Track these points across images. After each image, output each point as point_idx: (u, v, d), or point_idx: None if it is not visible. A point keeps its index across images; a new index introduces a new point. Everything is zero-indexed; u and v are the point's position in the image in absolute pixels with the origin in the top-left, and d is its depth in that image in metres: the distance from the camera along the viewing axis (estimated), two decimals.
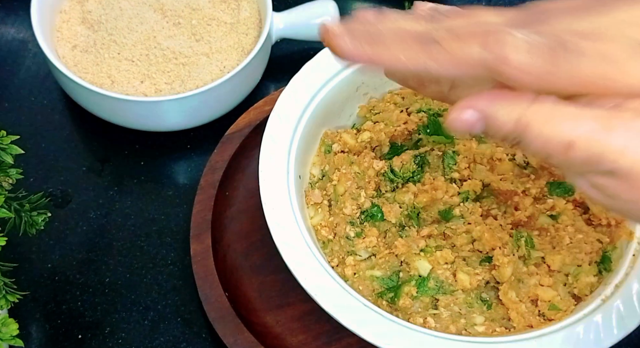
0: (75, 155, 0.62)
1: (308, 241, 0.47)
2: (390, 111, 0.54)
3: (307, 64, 0.53)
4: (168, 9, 0.61)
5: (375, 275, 0.49)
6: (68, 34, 0.61)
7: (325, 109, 0.53)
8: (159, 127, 0.61)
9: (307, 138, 0.52)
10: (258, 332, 0.53)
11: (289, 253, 0.46)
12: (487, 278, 0.49)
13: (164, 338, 0.55)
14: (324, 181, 0.53)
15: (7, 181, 0.45)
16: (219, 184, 0.57)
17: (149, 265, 0.58)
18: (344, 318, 0.44)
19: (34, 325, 0.55)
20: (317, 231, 0.51)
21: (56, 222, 0.58)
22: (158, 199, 0.61)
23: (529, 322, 0.47)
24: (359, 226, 0.51)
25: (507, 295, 0.48)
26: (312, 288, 0.45)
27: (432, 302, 0.48)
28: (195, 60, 0.60)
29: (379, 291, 0.49)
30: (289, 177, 0.49)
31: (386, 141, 0.53)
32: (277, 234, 0.47)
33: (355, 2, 0.72)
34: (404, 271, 0.49)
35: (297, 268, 0.46)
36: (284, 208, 0.48)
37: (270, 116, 0.51)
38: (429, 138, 0.52)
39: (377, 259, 0.50)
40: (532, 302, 0.48)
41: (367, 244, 0.50)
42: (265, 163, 0.49)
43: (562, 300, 0.48)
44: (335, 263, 0.50)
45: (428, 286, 0.48)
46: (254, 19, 0.63)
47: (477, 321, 0.48)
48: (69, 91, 0.61)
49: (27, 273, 0.57)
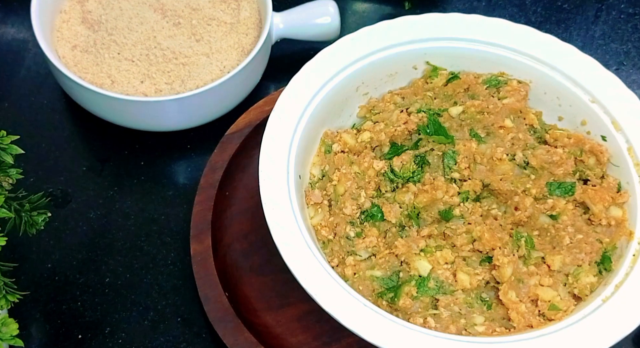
0: (75, 155, 0.62)
1: (308, 241, 0.47)
2: (390, 111, 0.54)
3: (307, 64, 0.53)
4: (168, 9, 0.61)
5: (375, 275, 0.49)
6: (68, 34, 0.61)
7: (325, 109, 0.53)
8: (159, 127, 0.61)
9: (307, 138, 0.52)
10: (258, 332, 0.53)
11: (289, 253, 0.46)
12: (487, 278, 0.49)
13: (164, 338, 0.55)
14: (324, 181, 0.53)
15: (7, 181, 0.45)
16: (219, 184, 0.57)
17: (149, 265, 0.58)
18: (343, 318, 0.44)
19: (34, 325, 0.55)
20: (317, 231, 0.51)
21: (56, 222, 0.59)
22: (158, 199, 0.61)
23: (529, 322, 0.47)
24: (359, 226, 0.51)
25: (507, 295, 0.48)
26: (312, 288, 0.45)
27: (432, 302, 0.48)
28: (195, 60, 0.60)
29: (379, 292, 0.49)
30: (289, 177, 0.49)
31: (386, 141, 0.53)
32: (277, 234, 0.47)
33: (355, 2, 0.72)
34: (404, 271, 0.49)
35: (297, 268, 0.46)
36: (284, 208, 0.48)
37: (270, 116, 0.51)
38: (429, 138, 0.52)
39: (377, 259, 0.50)
40: (532, 302, 0.48)
41: (367, 244, 0.50)
42: (265, 163, 0.49)
43: (562, 300, 0.48)
44: (335, 263, 0.50)
45: (428, 287, 0.48)
46: (254, 19, 0.63)
47: (477, 321, 0.48)
48: (69, 91, 0.61)
49: (27, 273, 0.57)
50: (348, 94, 0.55)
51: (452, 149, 0.52)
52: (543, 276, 0.48)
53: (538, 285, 0.48)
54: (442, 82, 0.55)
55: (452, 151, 0.52)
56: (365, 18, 0.71)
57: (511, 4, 0.71)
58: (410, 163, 0.51)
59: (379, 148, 0.54)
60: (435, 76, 0.56)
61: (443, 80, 0.56)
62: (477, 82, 0.55)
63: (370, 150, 0.53)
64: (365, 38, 0.54)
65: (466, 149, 0.52)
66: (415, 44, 0.55)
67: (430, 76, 0.56)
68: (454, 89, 0.55)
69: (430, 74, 0.56)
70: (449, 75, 0.56)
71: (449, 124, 0.53)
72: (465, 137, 0.53)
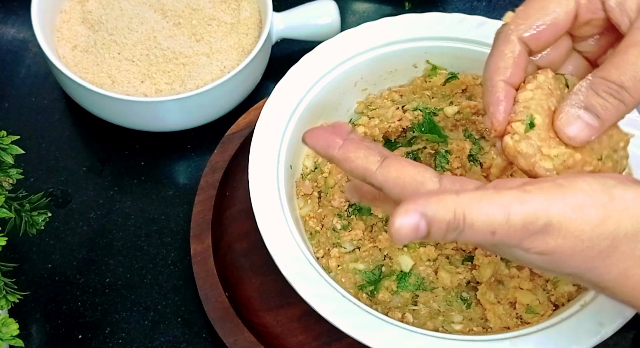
0: (76, 155, 0.62)
1: (293, 230, 0.47)
2: (387, 108, 0.54)
3: (306, 56, 0.53)
4: (168, 9, 0.61)
5: (358, 267, 0.49)
6: (68, 34, 0.61)
7: (321, 102, 0.53)
8: (159, 127, 0.61)
9: (301, 129, 0.52)
10: (258, 332, 0.53)
11: (272, 240, 0.46)
12: (469, 277, 0.49)
13: (164, 339, 0.55)
14: (315, 173, 0.53)
15: (7, 181, 0.45)
16: (219, 184, 0.57)
17: (149, 265, 0.58)
18: (321, 308, 0.44)
19: (34, 325, 0.55)
20: (305, 222, 0.51)
21: (56, 222, 0.59)
22: (158, 199, 0.61)
23: (506, 324, 0.47)
24: (346, 219, 0.51)
25: (485, 295, 0.48)
26: (291, 276, 0.45)
27: (412, 298, 0.48)
28: (196, 60, 0.60)
29: (360, 284, 0.49)
30: (279, 166, 0.49)
31: (380, 137, 0.53)
32: (262, 221, 0.47)
33: (355, 2, 0.72)
34: (387, 266, 0.49)
35: (279, 255, 0.46)
36: (271, 196, 0.48)
37: (265, 105, 0.51)
38: (422, 135, 0.53)
39: (361, 252, 0.50)
40: (510, 304, 0.48)
41: (352, 237, 0.50)
42: (256, 150, 0.49)
43: (541, 305, 0.47)
44: (320, 254, 0.50)
45: (409, 282, 0.48)
46: (254, 19, 0.63)
47: (455, 319, 0.48)
48: (69, 91, 0.61)
49: (27, 273, 0.57)
50: (346, 88, 0.55)
51: (445, 148, 0.52)
52: (524, 279, 0.48)
53: (517, 287, 0.48)
54: (441, 82, 0.56)
55: (444, 150, 0.52)
56: (365, 18, 0.71)
57: (512, 5, 0.71)
58: None
59: None
60: (434, 75, 0.56)
61: (442, 80, 0.56)
62: (475, 83, 0.55)
63: None
64: (366, 34, 0.54)
65: (459, 149, 0.52)
66: (416, 43, 0.55)
67: (430, 75, 0.56)
68: (451, 89, 0.55)
69: (430, 74, 0.56)
70: (448, 75, 0.56)
71: (443, 124, 0.53)
72: (460, 137, 0.53)
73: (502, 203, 0.32)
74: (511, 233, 0.32)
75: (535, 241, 0.33)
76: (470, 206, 0.32)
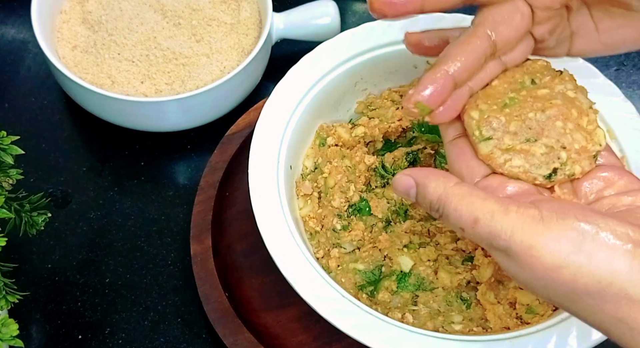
0: (75, 155, 0.62)
1: (292, 231, 0.47)
2: (387, 108, 0.54)
3: (307, 56, 0.53)
4: (168, 10, 0.61)
5: (358, 268, 0.49)
6: (68, 34, 0.61)
7: (321, 102, 0.53)
8: (159, 127, 0.61)
9: (301, 129, 0.52)
10: (258, 332, 0.53)
11: (272, 240, 0.46)
12: (469, 278, 0.49)
13: (164, 339, 0.55)
14: (315, 173, 0.53)
15: (7, 182, 0.45)
16: (219, 184, 0.57)
17: (149, 265, 0.58)
18: (321, 308, 0.44)
19: (34, 326, 0.55)
20: (305, 222, 0.51)
21: (56, 222, 0.59)
22: (158, 199, 0.61)
23: (506, 324, 0.47)
24: (346, 219, 0.51)
25: (484, 295, 0.48)
26: (291, 276, 0.45)
27: (412, 298, 0.48)
28: (196, 60, 0.60)
29: (360, 284, 0.49)
30: (279, 166, 0.49)
31: (380, 137, 0.53)
32: (261, 221, 0.47)
33: (355, 2, 0.72)
34: (386, 266, 0.49)
35: (279, 256, 0.46)
36: (271, 197, 0.48)
37: (265, 105, 0.51)
38: (422, 136, 0.53)
39: (360, 252, 0.50)
40: (510, 305, 0.48)
41: (352, 237, 0.50)
42: (256, 150, 0.49)
43: (541, 305, 0.47)
44: (320, 254, 0.50)
45: (408, 282, 0.48)
46: (254, 19, 0.63)
47: (455, 319, 0.48)
48: (69, 92, 0.61)
49: (27, 273, 0.57)
50: (346, 88, 0.55)
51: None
52: None
53: (517, 288, 0.48)
54: None
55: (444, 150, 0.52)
56: (365, 18, 0.71)
57: None
58: (402, 159, 0.52)
59: (373, 143, 0.54)
60: None
61: None
62: None
63: (364, 145, 0.54)
64: (367, 34, 0.54)
65: None
66: None
67: None
68: None
69: None
70: None
71: None
72: None
73: (476, 207, 0.34)
74: (477, 239, 0.35)
75: (498, 256, 0.35)
76: (450, 199, 0.35)
